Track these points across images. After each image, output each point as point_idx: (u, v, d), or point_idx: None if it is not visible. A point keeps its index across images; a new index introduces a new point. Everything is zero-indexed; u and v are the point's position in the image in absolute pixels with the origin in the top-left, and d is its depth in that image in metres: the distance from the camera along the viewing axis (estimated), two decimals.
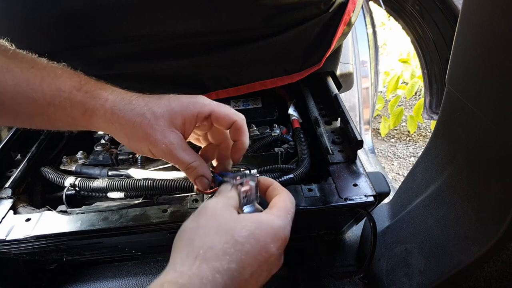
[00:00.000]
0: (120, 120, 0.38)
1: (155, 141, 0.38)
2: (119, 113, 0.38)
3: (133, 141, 0.39)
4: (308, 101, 0.71)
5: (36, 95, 0.36)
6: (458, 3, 0.98)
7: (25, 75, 0.36)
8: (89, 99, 0.38)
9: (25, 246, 0.49)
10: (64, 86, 0.37)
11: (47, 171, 0.60)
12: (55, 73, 0.38)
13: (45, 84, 0.36)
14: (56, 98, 0.37)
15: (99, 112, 0.38)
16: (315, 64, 0.63)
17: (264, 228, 0.33)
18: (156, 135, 0.38)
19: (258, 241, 0.32)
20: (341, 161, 0.55)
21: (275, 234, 0.33)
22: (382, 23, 3.06)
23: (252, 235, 0.32)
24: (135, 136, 0.38)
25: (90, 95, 0.38)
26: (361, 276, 0.65)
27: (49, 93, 0.36)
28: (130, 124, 0.38)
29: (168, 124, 0.38)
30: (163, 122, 0.38)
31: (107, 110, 0.38)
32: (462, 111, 0.45)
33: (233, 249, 0.31)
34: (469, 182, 0.44)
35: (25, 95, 0.36)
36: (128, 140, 0.40)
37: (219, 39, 0.51)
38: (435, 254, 0.48)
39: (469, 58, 0.44)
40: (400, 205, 0.62)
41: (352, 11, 0.55)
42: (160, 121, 0.38)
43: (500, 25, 0.36)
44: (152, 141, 0.38)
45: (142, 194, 0.56)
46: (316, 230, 0.66)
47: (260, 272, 0.32)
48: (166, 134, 0.38)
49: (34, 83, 0.36)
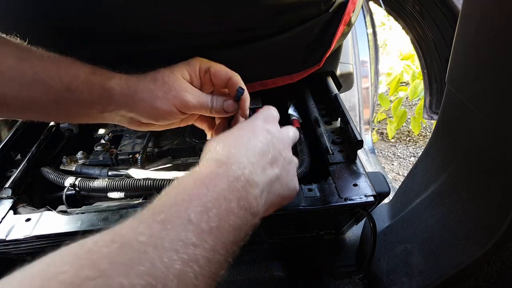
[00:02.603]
0: (137, 91, 0.41)
1: (176, 94, 0.42)
2: (134, 86, 0.41)
3: (155, 107, 0.42)
4: (308, 101, 0.71)
5: (53, 82, 0.37)
6: (458, 3, 0.98)
7: (42, 63, 0.37)
8: (105, 80, 0.40)
9: (25, 246, 0.49)
10: (79, 72, 0.39)
11: (47, 171, 0.60)
12: (69, 61, 0.39)
13: (62, 71, 0.38)
14: (73, 83, 0.38)
15: (115, 91, 0.40)
16: (315, 64, 0.62)
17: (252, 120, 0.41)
18: (175, 87, 0.42)
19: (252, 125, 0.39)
20: (341, 161, 0.55)
21: (262, 118, 0.41)
22: (382, 23, 3.06)
23: (247, 124, 0.40)
24: (156, 99, 0.42)
25: (105, 77, 0.40)
26: (361, 276, 0.65)
27: (66, 79, 0.38)
28: (148, 91, 0.41)
29: (178, 78, 0.43)
30: (174, 78, 0.42)
31: (123, 86, 0.40)
32: (462, 111, 0.45)
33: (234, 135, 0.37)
34: (469, 182, 0.44)
35: (42, 82, 0.37)
36: (150, 108, 0.42)
37: (219, 39, 0.51)
38: (435, 254, 0.48)
39: (469, 58, 0.44)
40: (400, 205, 0.62)
41: (352, 11, 0.55)
42: (171, 78, 0.42)
43: (500, 25, 0.36)
44: (173, 96, 0.42)
45: (142, 194, 0.56)
46: (316, 230, 0.66)
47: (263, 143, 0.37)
48: (181, 85, 0.43)
49: (51, 70, 0.37)
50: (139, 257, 0.21)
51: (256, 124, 0.40)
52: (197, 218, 0.26)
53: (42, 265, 0.20)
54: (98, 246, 0.22)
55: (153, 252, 0.22)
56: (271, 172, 0.36)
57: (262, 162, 0.35)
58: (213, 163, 0.32)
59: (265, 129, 0.39)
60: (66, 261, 0.20)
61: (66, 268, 0.20)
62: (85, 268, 0.20)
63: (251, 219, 0.30)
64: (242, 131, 0.38)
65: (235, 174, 0.31)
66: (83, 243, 0.22)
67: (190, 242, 0.24)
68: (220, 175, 0.30)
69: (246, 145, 0.35)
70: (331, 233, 0.67)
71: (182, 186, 0.29)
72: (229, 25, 0.48)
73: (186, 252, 0.23)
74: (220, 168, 0.31)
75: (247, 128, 0.39)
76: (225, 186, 0.29)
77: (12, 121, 0.95)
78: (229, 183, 0.30)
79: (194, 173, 0.31)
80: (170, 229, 0.24)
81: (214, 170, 0.31)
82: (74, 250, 0.22)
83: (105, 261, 0.21)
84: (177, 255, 0.23)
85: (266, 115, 0.42)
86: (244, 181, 0.31)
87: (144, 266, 0.21)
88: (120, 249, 0.22)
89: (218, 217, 0.27)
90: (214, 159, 0.33)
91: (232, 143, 0.35)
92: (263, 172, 0.34)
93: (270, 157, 0.36)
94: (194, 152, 0.66)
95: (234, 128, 0.39)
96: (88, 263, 0.20)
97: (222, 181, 0.30)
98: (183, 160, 0.66)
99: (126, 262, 0.21)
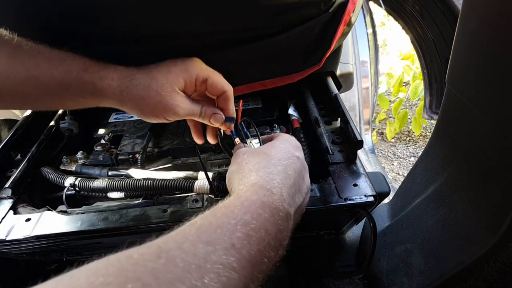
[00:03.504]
0: (129, 96, 0.41)
1: (166, 106, 0.42)
2: (127, 90, 0.41)
3: (146, 112, 0.43)
4: (308, 101, 0.71)
5: (45, 78, 0.38)
6: (458, 3, 0.98)
7: (33, 60, 0.37)
8: (96, 80, 0.40)
9: (25, 246, 0.49)
10: (71, 68, 0.39)
11: (47, 171, 0.60)
12: (61, 57, 0.39)
13: (54, 67, 0.38)
14: (65, 80, 0.38)
15: (107, 92, 0.40)
16: (315, 64, 0.62)
17: (282, 144, 0.43)
18: (166, 100, 0.42)
19: (284, 150, 0.41)
20: (341, 161, 0.55)
21: (290, 143, 0.43)
22: (382, 23, 3.05)
23: (279, 148, 0.41)
24: (147, 107, 0.42)
25: (97, 76, 0.40)
26: (361, 276, 0.65)
27: (58, 76, 0.38)
28: (139, 98, 0.41)
29: (172, 88, 0.43)
30: (168, 87, 0.42)
31: (115, 89, 0.41)
32: (462, 111, 0.45)
33: (272, 160, 0.39)
34: (469, 182, 0.44)
35: (35, 79, 0.37)
36: (142, 113, 0.43)
37: (219, 39, 0.51)
38: (435, 254, 0.48)
39: (469, 58, 0.44)
40: (400, 205, 0.62)
41: (352, 11, 0.55)
42: (166, 87, 0.42)
43: (500, 25, 0.36)
44: (164, 107, 0.42)
45: (142, 194, 0.56)
46: (316, 230, 0.66)
47: (296, 172, 0.39)
48: (173, 97, 0.43)
49: (43, 67, 0.37)
50: (183, 276, 0.22)
51: (289, 150, 0.41)
52: (239, 244, 0.26)
53: (88, 274, 0.21)
54: (144, 259, 0.22)
55: (195, 272, 0.23)
56: (297, 199, 0.37)
57: (294, 192, 0.37)
58: (259, 190, 0.33)
59: (295, 156, 0.41)
60: (111, 273, 0.21)
61: (111, 279, 0.20)
62: (129, 281, 0.20)
63: (282, 252, 0.31)
64: (279, 155, 0.40)
65: (277, 206, 0.32)
66: (129, 254, 0.23)
67: (230, 267, 0.24)
68: (265, 205, 0.31)
69: (283, 174, 0.37)
70: (331, 233, 0.67)
71: (229, 209, 0.30)
72: (229, 25, 0.48)
73: (226, 276, 0.24)
74: (266, 197, 0.32)
75: (283, 154, 0.40)
76: (267, 216, 0.30)
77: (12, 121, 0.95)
78: (271, 215, 0.31)
79: (241, 197, 0.32)
80: (213, 251, 0.25)
81: (260, 199, 0.32)
82: (120, 261, 0.22)
83: (150, 276, 0.21)
84: (217, 278, 0.23)
85: (295, 144, 0.44)
86: (284, 215, 0.32)
87: (185, 285, 0.21)
88: (165, 265, 0.22)
89: (258, 247, 0.27)
90: (260, 185, 0.34)
91: (274, 171, 0.37)
92: (295, 204, 0.36)
93: (299, 185, 0.38)
94: (194, 152, 0.66)
95: (271, 149, 0.41)
96: (133, 276, 0.21)
97: (265, 211, 0.31)
98: (183, 160, 0.66)
99: (170, 279, 0.21)
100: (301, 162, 0.41)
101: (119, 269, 0.21)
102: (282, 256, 0.32)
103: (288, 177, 0.37)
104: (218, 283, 0.23)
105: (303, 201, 0.39)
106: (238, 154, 0.43)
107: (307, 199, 0.42)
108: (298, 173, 0.39)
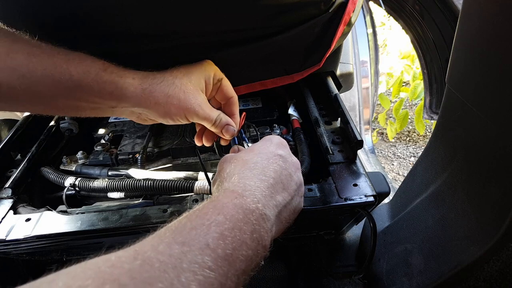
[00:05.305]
0: (153, 94, 0.41)
1: (189, 105, 0.42)
2: (149, 88, 0.41)
3: (168, 111, 0.42)
4: (308, 101, 0.71)
5: (63, 78, 0.37)
6: (458, 3, 0.98)
7: (51, 59, 0.37)
8: (117, 78, 0.40)
9: (25, 246, 0.49)
10: (90, 68, 0.38)
11: (47, 171, 0.60)
12: (80, 57, 0.39)
13: (72, 67, 0.38)
14: (83, 80, 0.38)
15: (128, 91, 0.40)
16: (315, 64, 0.62)
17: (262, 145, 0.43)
18: (190, 98, 0.42)
19: (264, 151, 0.41)
20: (341, 161, 0.55)
21: (272, 142, 0.43)
22: (382, 23, 3.06)
23: (258, 150, 0.41)
24: (170, 105, 0.42)
25: (117, 75, 0.40)
26: (361, 276, 0.65)
27: (76, 75, 0.38)
28: (163, 96, 0.41)
29: (195, 87, 0.43)
30: (191, 86, 0.43)
31: (137, 88, 0.40)
32: (462, 111, 0.45)
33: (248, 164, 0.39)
34: (469, 182, 0.44)
35: (52, 78, 0.37)
36: (162, 112, 0.42)
37: (219, 39, 0.51)
38: (435, 254, 0.48)
39: (469, 58, 0.44)
40: (400, 205, 0.62)
41: (352, 11, 0.55)
42: (189, 86, 0.42)
43: (500, 25, 0.36)
44: (186, 106, 0.42)
45: (142, 194, 0.56)
46: (316, 230, 0.66)
47: (276, 172, 0.38)
48: (196, 96, 0.43)
49: (61, 66, 0.37)
50: (159, 276, 0.22)
51: (269, 150, 0.41)
52: (214, 243, 0.27)
53: (67, 278, 0.21)
54: (121, 262, 0.23)
55: (172, 272, 0.23)
56: (281, 199, 0.37)
57: (274, 192, 0.37)
58: (230, 194, 0.34)
59: (277, 155, 0.41)
60: (89, 275, 0.21)
61: (89, 282, 0.20)
62: (107, 282, 0.21)
63: (262, 251, 0.32)
64: (256, 158, 0.40)
65: (250, 207, 0.32)
66: (107, 258, 0.23)
67: (206, 266, 0.25)
68: (237, 206, 0.32)
69: (261, 176, 0.37)
70: (331, 233, 0.67)
71: (203, 212, 0.31)
72: (229, 25, 0.48)
73: (202, 274, 0.24)
74: (237, 199, 0.33)
75: (261, 155, 0.40)
76: (241, 217, 0.31)
77: (12, 121, 0.95)
78: (245, 215, 0.31)
79: (214, 201, 0.33)
80: (188, 251, 0.25)
81: (231, 201, 0.32)
82: (97, 264, 0.22)
83: (127, 277, 0.21)
84: (194, 276, 0.24)
85: (277, 142, 0.44)
86: (258, 215, 0.33)
87: (163, 284, 0.22)
88: (141, 266, 0.23)
89: (233, 245, 0.28)
90: (231, 190, 0.35)
91: (248, 175, 0.37)
92: (274, 204, 0.36)
93: (282, 184, 0.38)
94: (194, 152, 0.66)
95: (248, 153, 0.41)
96: (111, 278, 0.21)
97: (238, 212, 0.31)
98: (183, 160, 0.67)
99: (146, 279, 0.22)
100: (284, 160, 0.40)
101: (96, 272, 0.21)
102: (264, 257, 0.32)
103: (265, 179, 0.37)
104: (195, 281, 0.23)
105: (292, 200, 0.39)
106: (220, 162, 0.43)
107: (300, 197, 0.41)
108: (279, 173, 0.38)
